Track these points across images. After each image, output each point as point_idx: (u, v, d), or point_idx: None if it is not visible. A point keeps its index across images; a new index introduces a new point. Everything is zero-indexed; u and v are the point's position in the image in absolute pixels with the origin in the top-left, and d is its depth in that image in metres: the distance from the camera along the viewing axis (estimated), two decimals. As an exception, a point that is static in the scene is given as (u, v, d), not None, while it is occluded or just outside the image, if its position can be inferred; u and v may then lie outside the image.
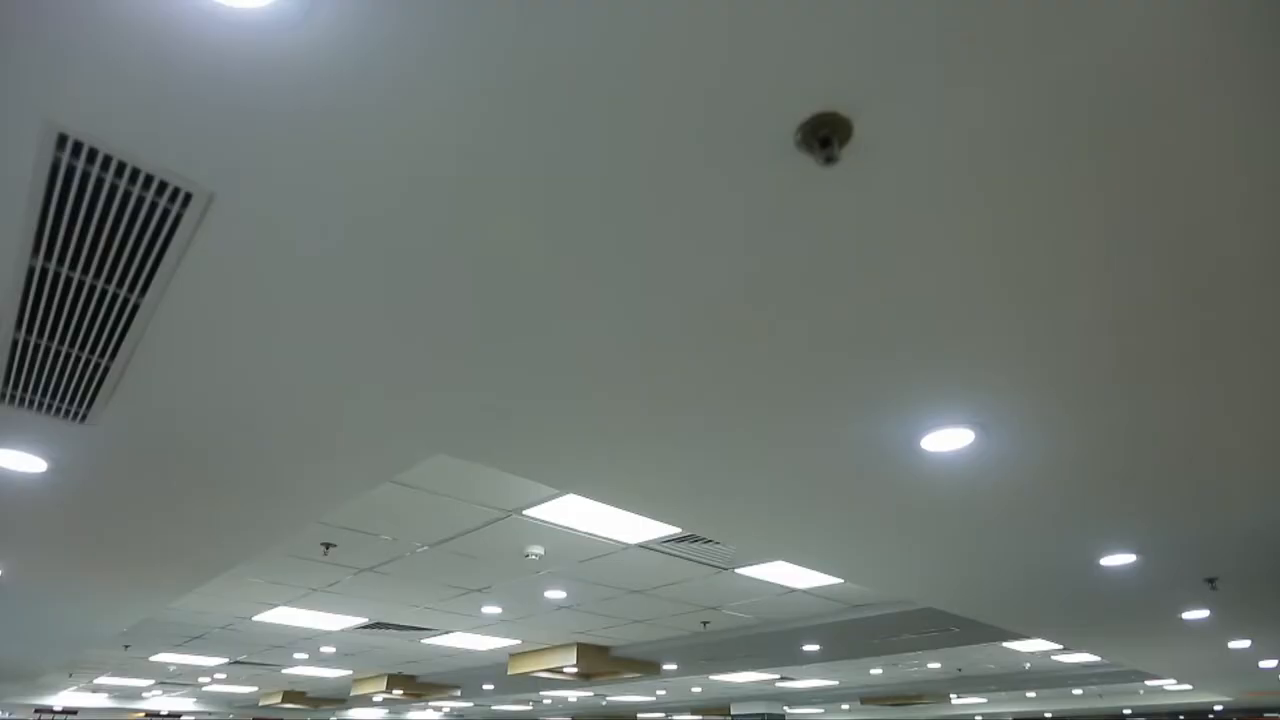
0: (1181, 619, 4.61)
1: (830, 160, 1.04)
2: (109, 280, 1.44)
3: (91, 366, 1.75)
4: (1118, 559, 3.24)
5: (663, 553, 4.03)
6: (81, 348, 1.67)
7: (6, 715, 13.26)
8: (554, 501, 3.23)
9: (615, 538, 3.76)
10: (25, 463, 2.26)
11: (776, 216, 1.23)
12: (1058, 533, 2.86)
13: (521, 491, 3.15)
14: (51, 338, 1.63)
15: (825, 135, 1.06)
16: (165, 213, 1.27)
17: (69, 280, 1.45)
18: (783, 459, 2.16)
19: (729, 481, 2.33)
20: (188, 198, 1.23)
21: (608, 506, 3.18)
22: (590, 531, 3.64)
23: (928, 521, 2.72)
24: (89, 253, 1.36)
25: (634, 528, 3.61)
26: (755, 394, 1.79)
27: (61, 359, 1.72)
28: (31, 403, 1.90)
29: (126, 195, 1.23)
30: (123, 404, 1.90)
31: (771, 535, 2.90)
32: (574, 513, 3.37)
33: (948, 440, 2.01)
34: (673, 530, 3.63)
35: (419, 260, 1.35)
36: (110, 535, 2.97)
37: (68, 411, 1.96)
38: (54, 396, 1.88)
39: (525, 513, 3.36)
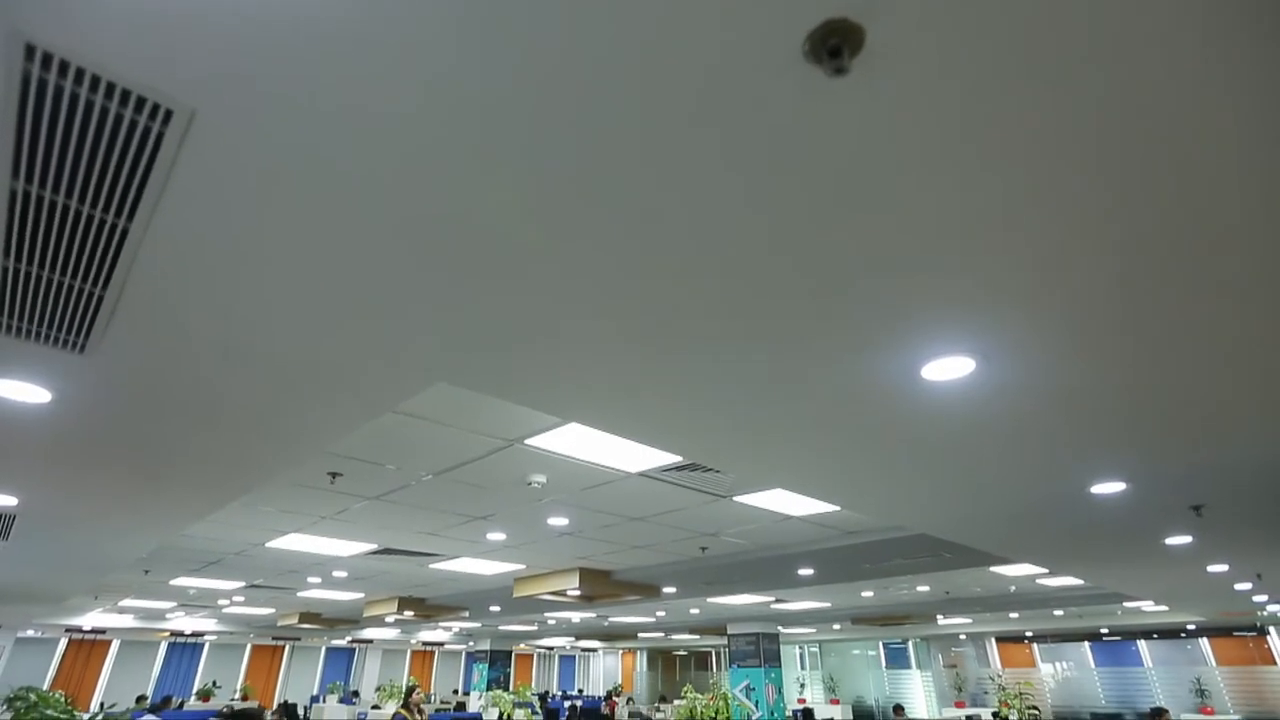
0: (1165, 545, 4.76)
1: (840, 72, 0.99)
2: (94, 205, 1.41)
3: (85, 296, 1.73)
4: (1108, 487, 3.31)
5: (663, 481, 4.12)
6: (74, 276, 1.65)
7: (39, 634, 13.96)
8: (555, 431, 3.27)
9: (616, 466, 3.83)
10: (29, 393, 2.27)
11: (779, 136, 1.19)
12: (1052, 461, 2.91)
13: (523, 421, 3.18)
14: (42, 266, 1.60)
15: (835, 45, 1.00)
16: (146, 131, 1.22)
17: (53, 205, 1.41)
18: (783, 388, 2.16)
19: (729, 410, 2.35)
20: (168, 114, 1.18)
21: (609, 436, 3.23)
22: (591, 460, 3.71)
23: (926, 450, 2.76)
24: (70, 175, 1.32)
25: (634, 457, 3.68)
26: (754, 322, 1.78)
27: (54, 288, 1.70)
28: (29, 332, 1.89)
29: (104, 112, 1.18)
30: (120, 335, 1.90)
31: (771, 464, 2.95)
32: (575, 442, 3.42)
33: (948, 369, 2.01)
34: (673, 459, 3.70)
35: (419, 181, 1.31)
36: (117, 466, 3.03)
37: (66, 342, 1.95)
38: (50, 326, 1.87)
39: (527, 442, 3.42)
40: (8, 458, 2.97)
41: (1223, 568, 5.84)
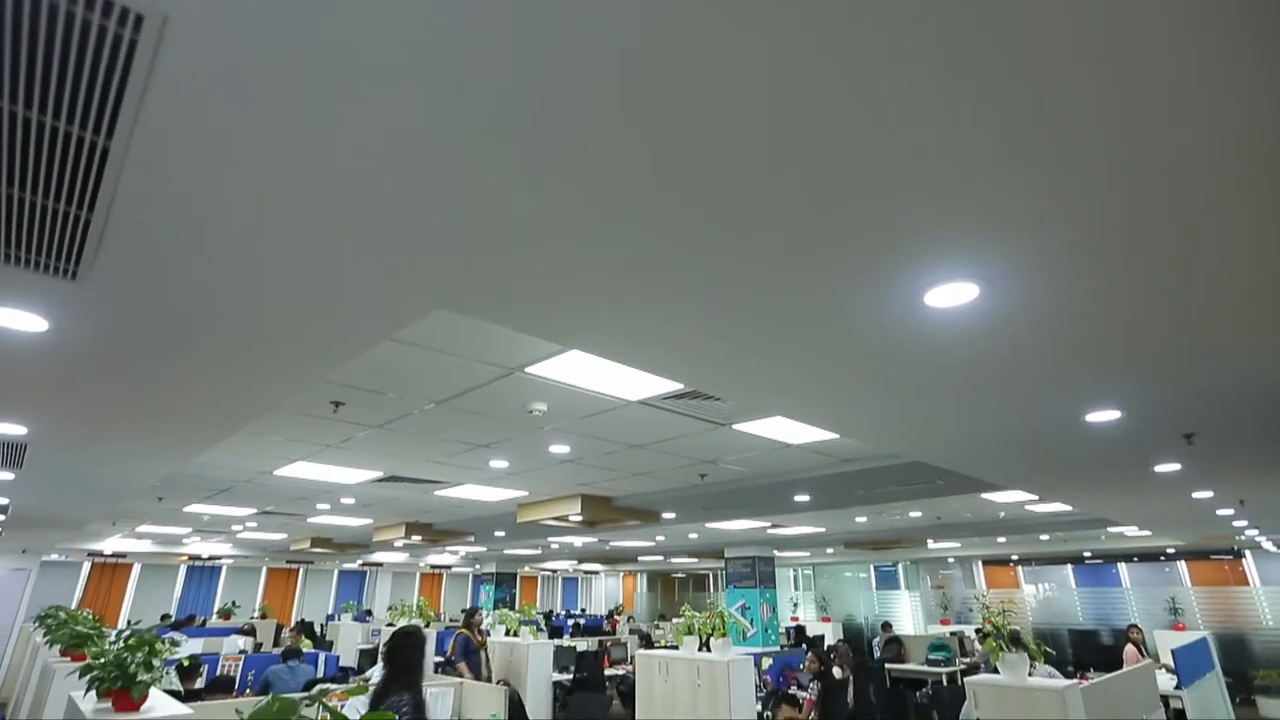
0: (1154, 472, 4.87)
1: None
2: (70, 121, 1.35)
3: (71, 220, 1.69)
4: (1103, 415, 3.34)
5: (663, 409, 4.17)
6: (56, 199, 1.61)
7: (63, 559, 14.52)
8: (556, 358, 3.28)
9: (616, 394, 3.86)
10: (25, 321, 2.26)
11: (778, 51, 1.12)
12: (1050, 389, 2.93)
13: (523, 349, 3.19)
14: (23, 188, 1.56)
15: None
16: (117, 39, 1.15)
17: (27, 121, 1.36)
18: (784, 314, 2.15)
19: (730, 335, 2.34)
20: (139, 20, 1.12)
21: (609, 363, 3.24)
22: (591, 388, 3.74)
23: (927, 378, 2.78)
24: (42, 88, 1.26)
25: (634, 385, 3.70)
26: (755, 247, 1.74)
27: (39, 212, 1.65)
28: (17, 259, 1.86)
29: (70, 18, 1.11)
30: (110, 261, 1.86)
31: (772, 390, 2.97)
32: (575, 370, 3.44)
33: (952, 295, 1.99)
34: (673, 387, 3.73)
35: (413, 97, 1.25)
36: (119, 394, 3.05)
37: (56, 269, 1.92)
38: (38, 252, 1.83)
39: (528, 370, 3.43)
40: (12, 388, 2.99)
41: (1207, 494, 5.99)
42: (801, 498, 6.91)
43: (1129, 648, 8.33)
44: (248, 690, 6.94)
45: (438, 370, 3.47)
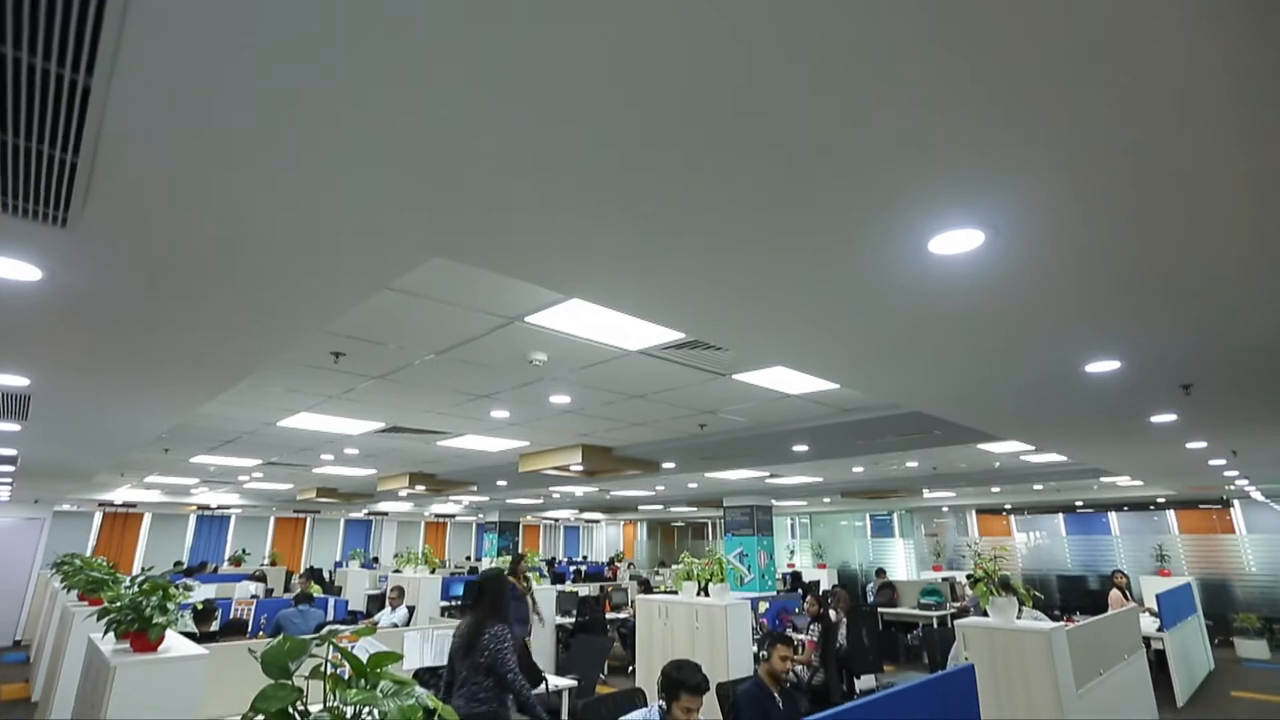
0: (1150, 422, 4.90)
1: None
2: (48, 58, 1.30)
3: (57, 163, 1.65)
4: (1102, 365, 3.35)
5: (663, 359, 4.17)
6: (40, 141, 1.56)
7: (76, 509, 14.82)
8: (556, 308, 3.26)
9: (616, 344, 3.86)
10: (19, 271, 2.23)
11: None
12: (1051, 339, 2.92)
13: (523, 298, 3.17)
14: (3, 130, 1.52)
15: None
16: (90, -36, 1.10)
17: (3, 58, 1.31)
18: (787, 261, 2.12)
19: (732, 285, 2.32)
20: (112, -57, 1.06)
21: (609, 313, 3.23)
22: (591, 338, 3.73)
23: (930, 327, 2.76)
24: (15, 21, 1.21)
25: (634, 334, 3.69)
26: (758, 194, 1.71)
27: (22, 155, 1.61)
28: (4, 205, 1.83)
29: (40, -58, 1.06)
30: (100, 207, 1.83)
31: (773, 339, 2.96)
32: (576, 319, 3.42)
33: (956, 242, 1.96)
34: (673, 337, 3.72)
35: (408, 35, 1.20)
36: (117, 346, 3.04)
37: (46, 215, 1.89)
38: (25, 199, 1.80)
39: (527, 319, 3.42)
40: (11, 339, 2.98)
41: (1201, 445, 6.06)
42: (800, 448, 6.99)
43: (1114, 592, 8.59)
44: (260, 633, 7.18)
45: (437, 320, 3.46)
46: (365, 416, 6.02)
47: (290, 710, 1.45)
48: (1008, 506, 15.68)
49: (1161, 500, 13.41)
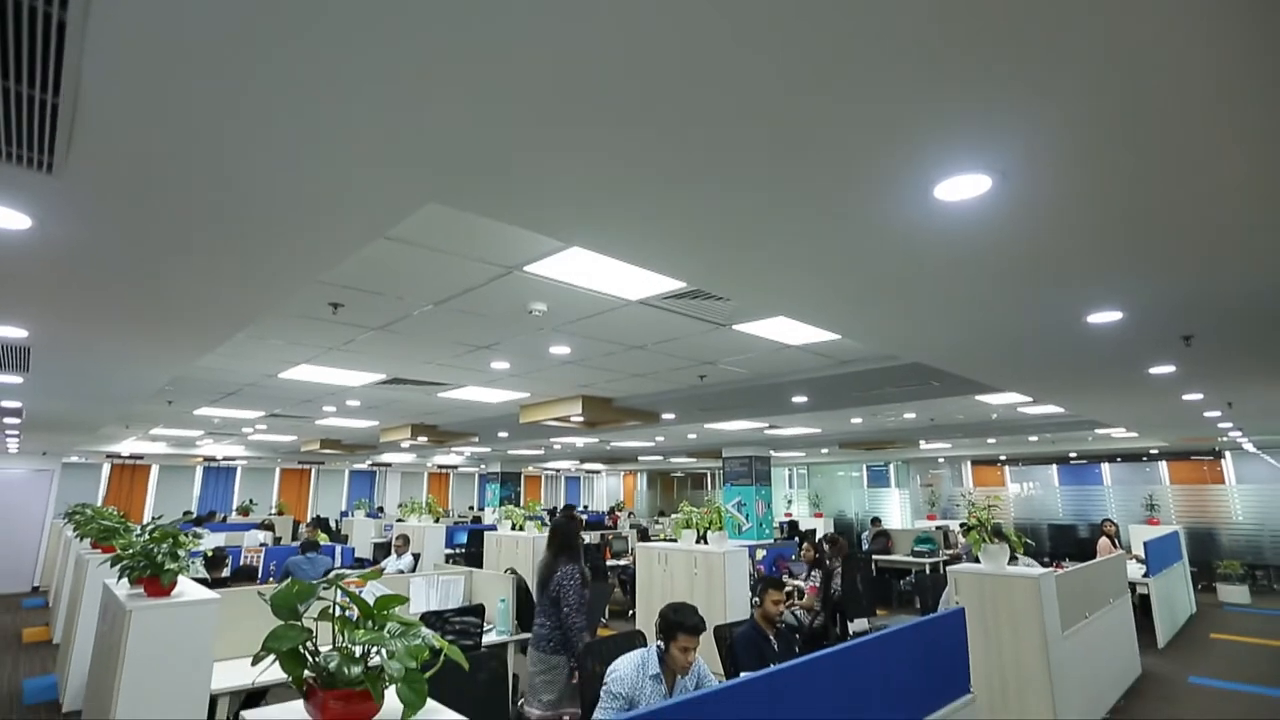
0: (1148, 374, 4.92)
1: None
2: (20, -12, 1.25)
3: (38, 104, 1.59)
4: (1104, 316, 3.33)
5: (663, 309, 4.15)
6: (18, 81, 1.51)
7: (84, 460, 15.02)
8: (555, 257, 3.22)
9: (616, 294, 3.83)
10: (7, 219, 2.19)
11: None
12: (1055, 288, 2.90)
13: (522, 247, 3.12)
14: (-20, 67, 1.46)
15: None
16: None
17: (-26, -12, 1.25)
18: (791, 209, 2.08)
19: (734, 233, 2.28)
20: None
21: (609, 262, 3.19)
22: (591, 288, 3.70)
23: (934, 275, 2.74)
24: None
25: (634, 284, 3.66)
26: (761, 139, 1.66)
27: (2, 95, 1.56)
28: (-13, 148, 1.78)
29: None
30: (86, 150, 1.78)
31: (775, 290, 2.94)
32: (575, 268, 3.39)
33: (963, 188, 1.92)
34: (674, 286, 3.69)
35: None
36: (112, 296, 3.01)
37: (30, 160, 1.84)
38: (8, 142, 1.75)
39: (526, 269, 3.38)
40: (6, 289, 2.96)
41: (1197, 396, 6.10)
42: (799, 399, 7.04)
43: (1103, 540, 8.79)
44: (270, 579, 7.38)
45: (435, 270, 3.42)
46: (366, 368, 6.03)
47: (300, 649, 1.49)
48: (1003, 458, 15.90)
49: (1154, 452, 13.59)
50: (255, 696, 3.52)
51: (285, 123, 1.63)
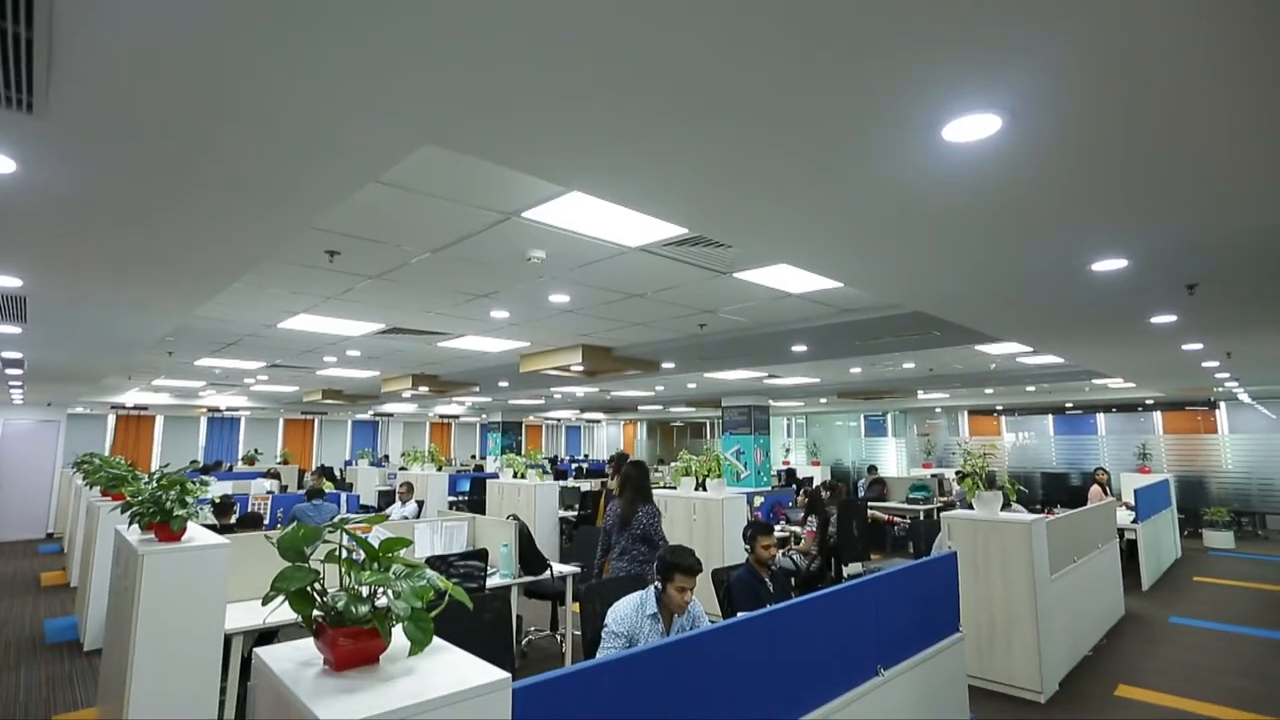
0: (1150, 323, 4.90)
1: None
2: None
3: (11, 38, 1.53)
4: (1109, 264, 3.30)
5: (663, 256, 4.10)
6: (-9, 13, 1.45)
7: (88, 411, 15.15)
8: (554, 202, 3.16)
9: (616, 240, 3.78)
10: (-8, 161, 2.14)
11: None
12: (1061, 235, 2.86)
13: (520, 192, 3.06)
14: (-50, -1, 1.40)
15: None
16: None
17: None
18: (795, 151, 2.03)
19: (737, 177, 2.23)
20: None
21: (608, 207, 3.14)
22: (590, 234, 3.65)
23: (939, 222, 2.69)
24: None
25: (634, 230, 3.61)
26: (764, 80, 1.60)
27: (-25, 29, 1.50)
28: (-37, 87, 1.72)
29: None
30: (66, 89, 1.72)
31: (777, 236, 2.90)
32: (574, 214, 3.33)
33: (972, 128, 1.86)
34: (674, 233, 3.64)
35: None
36: (103, 243, 2.97)
37: (10, 99, 1.78)
38: (-14, 79, 1.69)
39: (525, 215, 3.32)
40: (-4, 236, 2.92)
41: (1197, 346, 6.10)
42: (799, 348, 7.04)
43: (1094, 488, 8.96)
44: (278, 526, 7.54)
45: (432, 217, 3.36)
46: (365, 318, 6.01)
47: (309, 590, 1.53)
48: (999, 408, 16.03)
49: (1150, 402, 13.69)
50: (268, 636, 3.65)
51: (277, 56, 1.57)
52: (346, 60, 1.57)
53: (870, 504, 9.82)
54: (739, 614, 2.45)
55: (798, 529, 7.09)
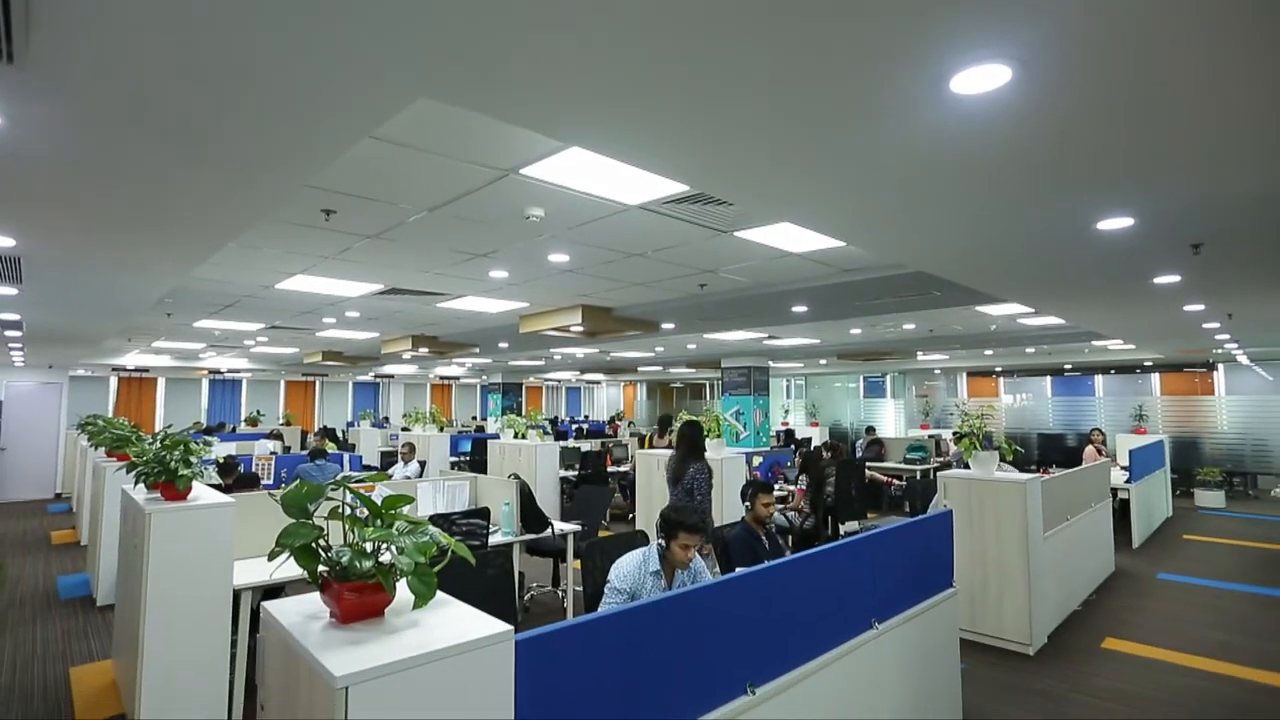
0: (1153, 283, 4.87)
1: None
2: None
3: (-12, -17, 1.48)
4: (1115, 222, 3.26)
5: (663, 214, 4.05)
6: (-37, -45, 1.39)
7: (90, 374, 15.19)
8: (552, 158, 3.10)
9: (615, 198, 3.72)
10: (-25, 115, 2.09)
11: None
12: (1068, 192, 2.81)
13: (518, 148, 3.00)
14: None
15: None
16: None
17: None
18: (799, 105, 1.98)
19: (739, 131, 2.18)
20: None
21: (608, 164, 3.08)
22: (589, 192, 3.59)
23: (945, 180, 2.65)
24: None
25: (634, 188, 3.55)
26: (769, 29, 1.54)
27: (-52, -27, 1.44)
28: (-60, 36, 1.66)
29: None
30: (49, 40, 1.66)
31: (780, 193, 2.85)
32: (573, 171, 3.27)
33: (981, 79, 1.81)
34: (674, 190, 3.58)
35: None
36: (94, 202, 2.92)
37: (-10, 50, 1.73)
38: (-37, 28, 1.64)
39: (523, 171, 3.26)
40: (-17, 193, 2.87)
41: (1199, 307, 6.07)
42: (800, 308, 7.01)
43: (1089, 448, 9.05)
44: (282, 486, 7.64)
45: (429, 173, 3.30)
46: (363, 278, 5.97)
47: (313, 546, 1.56)
48: (998, 369, 16.08)
49: (1148, 364, 13.72)
50: (275, 592, 3.73)
51: (265, 2, 1.52)
52: (337, 7, 1.52)
53: (868, 464, 9.94)
54: (737, 570, 2.50)
55: (793, 487, 7.18)
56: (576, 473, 9.63)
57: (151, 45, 1.69)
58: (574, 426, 17.19)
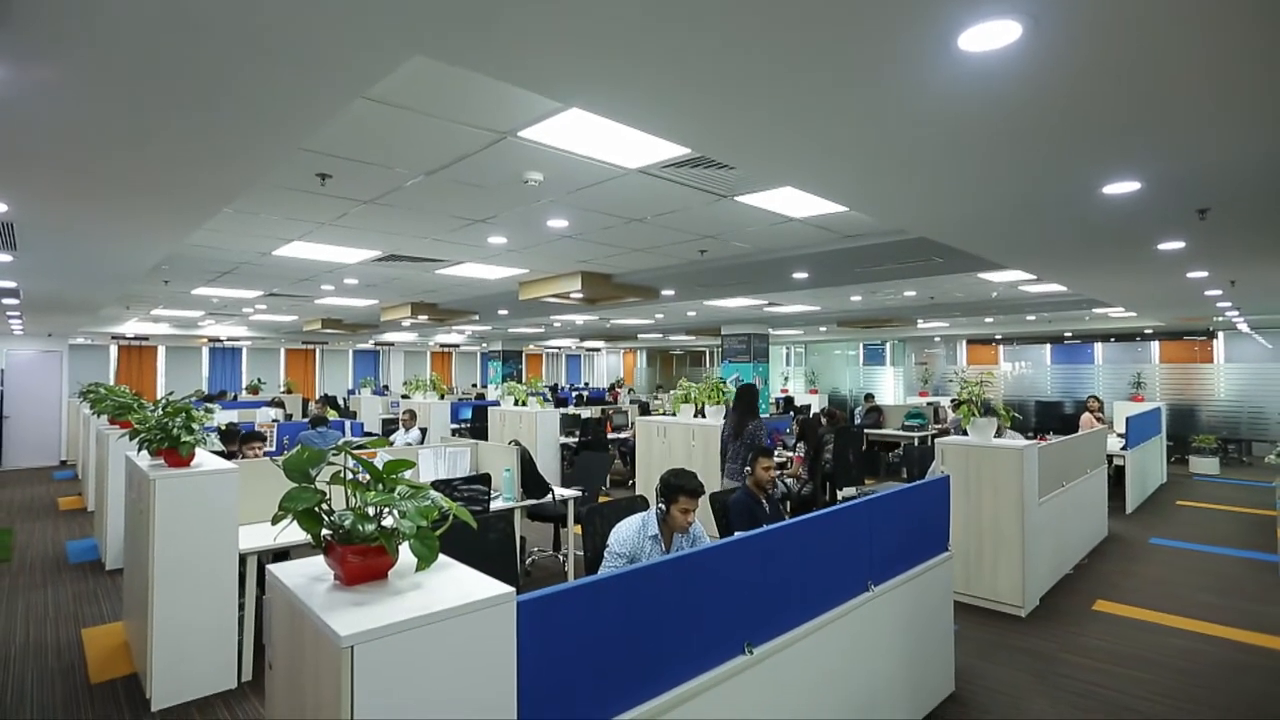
0: (1156, 250, 4.83)
1: None
2: None
3: (-36, -66, 1.43)
4: (1121, 186, 3.21)
5: (663, 178, 3.99)
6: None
7: (90, 342, 15.18)
8: (551, 120, 3.04)
9: (615, 162, 3.66)
10: (-44, 74, 2.04)
11: None
12: (1074, 154, 2.76)
13: (516, 110, 2.94)
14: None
15: None
16: None
17: None
18: (803, 64, 1.93)
19: (740, 92, 2.13)
20: None
21: (607, 127, 3.03)
22: (589, 155, 3.53)
23: (951, 142, 2.60)
24: None
25: (634, 151, 3.50)
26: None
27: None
28: (-80, -10, 1.61)
29: None
30: (29, -8, 1.62)
31: (782, 156, 2.80)
32: (572, 133, 3.21)
33: (990, 36, 1.76)
34: (674, 154, 3.53)
35: None
36: (85, 164, 2.87)
37: (-29, 4, 1.68)
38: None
39: (521, 134, 3.20)
40: (-30, 158, 2.82)
41: (1202, 274, 6.03)
42: (800, 275, 6.97)
43: (1086, 415, 9.09)
44: (284, 453, 7.68)
45: (425, 136, 3.24)
46: (360, 245, 5.92)
47: (316, 510, 1.57)
48: (998, 337, 16.06)
49: (1148, 332, 13.69)
50: (282, 556, 3.78)
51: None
52: (325, -40, 1.47)
53: (867, 430, 10.00)
54: (736, 533, 2.53)
55: (792, 454, 7.24)
56: (577, 439, 9.69)
57: (133, 13, 1.64)
58: (574, 393, 17.25)
